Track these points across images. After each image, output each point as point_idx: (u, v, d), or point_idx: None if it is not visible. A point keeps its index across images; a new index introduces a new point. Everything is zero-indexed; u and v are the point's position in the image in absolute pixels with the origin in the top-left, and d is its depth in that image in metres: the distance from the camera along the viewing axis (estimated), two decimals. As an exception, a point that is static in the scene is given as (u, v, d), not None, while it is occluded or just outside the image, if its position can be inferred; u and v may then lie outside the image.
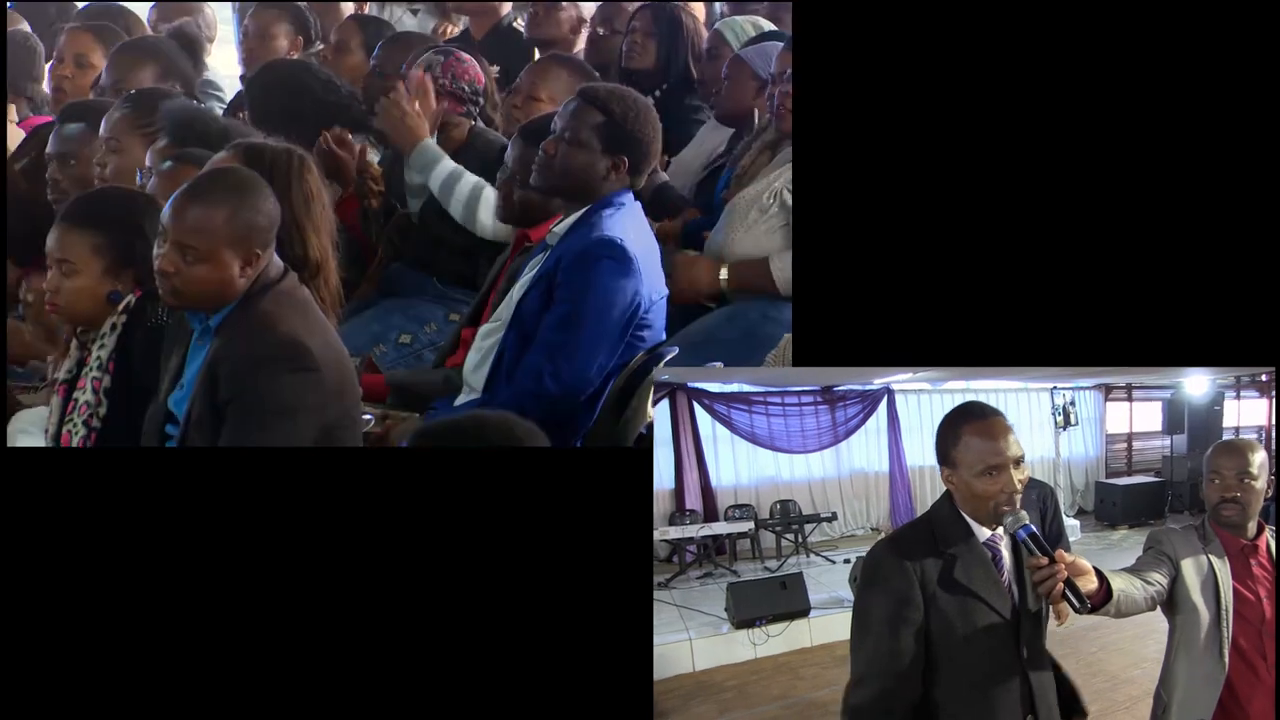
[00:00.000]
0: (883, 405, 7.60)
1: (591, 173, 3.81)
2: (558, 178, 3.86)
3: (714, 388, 6.92)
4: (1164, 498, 8.07)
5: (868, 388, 7.45)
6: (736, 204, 4.41)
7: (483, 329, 4.05)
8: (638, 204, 3.91)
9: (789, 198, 4.23)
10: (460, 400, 4.00)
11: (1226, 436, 7.30)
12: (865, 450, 7.68)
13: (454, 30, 6.78)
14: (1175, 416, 8.18)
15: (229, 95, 5.88)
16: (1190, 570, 2.80)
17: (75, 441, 3.33)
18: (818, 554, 7.05)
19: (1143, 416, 8.63)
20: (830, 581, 6.19)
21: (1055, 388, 8.00)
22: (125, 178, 4.11)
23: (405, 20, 6.90)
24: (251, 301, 3.14)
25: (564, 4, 6.08)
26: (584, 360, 3.70)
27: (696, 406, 6.95)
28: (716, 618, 5.51)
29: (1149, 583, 2.75)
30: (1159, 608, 2.80)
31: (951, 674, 2.45)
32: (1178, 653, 2.83)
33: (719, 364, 4.05)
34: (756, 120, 4.91)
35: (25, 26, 6.07)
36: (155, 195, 3.66)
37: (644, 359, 3.78)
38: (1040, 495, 4.55)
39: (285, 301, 3.17)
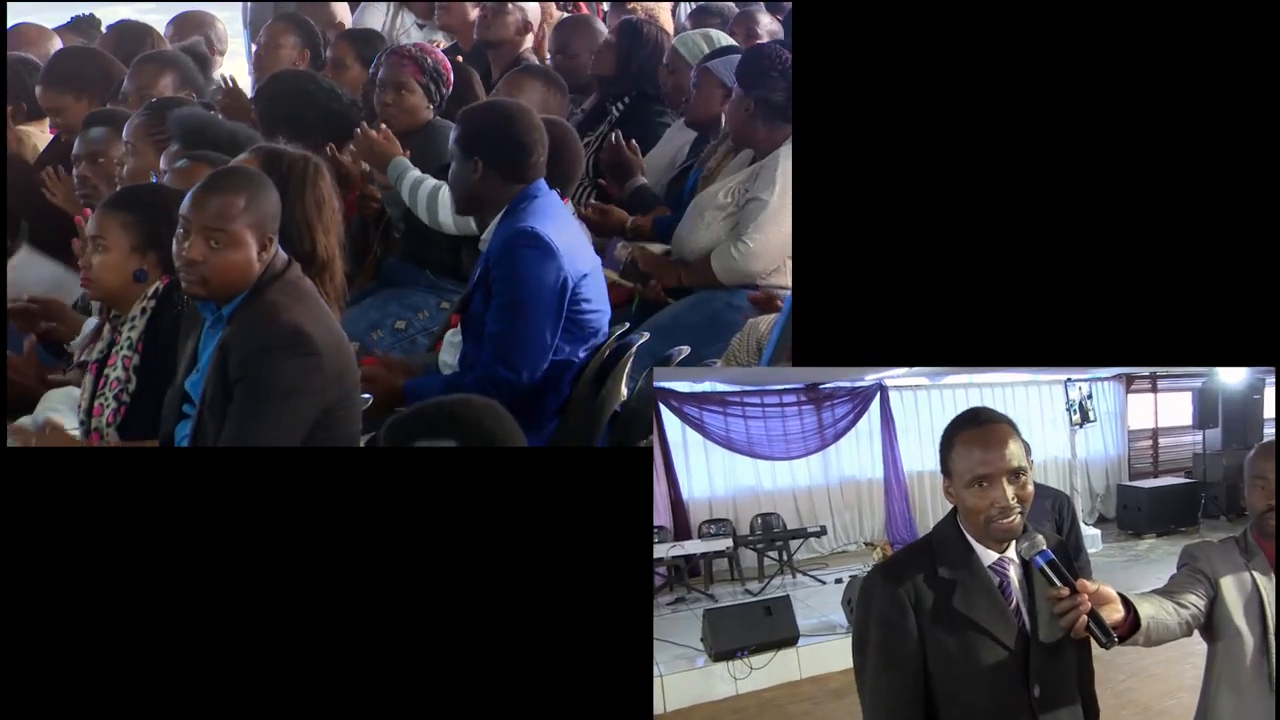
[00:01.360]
0: (875, 404, 7.53)
1: (465, 180, 4.21)
2: (451, 189, 4.36)
3: (683, 387, 6.76)
4: (1196, 502, 7.98)
5: (858, 384, 7.36)
6: (699, 202, 5.02)
7: (451, 331, 4.45)
8: (553, 193, 4.30)
9: (751, 192, 4.84)
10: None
11: (1269, 431, 7.21)
12: (856, 455, 7.65)
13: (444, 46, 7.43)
14: (1208, 408, 8.10)
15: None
16: (1231, 589, 2.69)
17: (106, 414, 3.71)
18: (805, 573, 6.92)
19: (1170, 409, 8.59)
20: (820, 604, 6.02)
21: (1070, 379, 7.87)
22: (140, 179, 4.55)
23: (413, 33, 7.41)
24: (260, 291, 3.44)
25: (510, 7, 6.57)
26: (526, 342, 4.07)
27: (663, 408, 6.76)
28: (691, 649, 5.36)
29: (1183, 605, 2.62)
30: (1197, 632, 2.69)
31: (952, 716, 2.39)
32: (1219, 683, 2.73)
33: (685, 348, 4.26)
34: (723, 125, 5.49)
35: (57, 42, 6.69)
36: (172, 193, 4.10)
37: (614, 344, 4.15)
38: (1055, 504, 4.40)
39: (290, 291, 3.46)
